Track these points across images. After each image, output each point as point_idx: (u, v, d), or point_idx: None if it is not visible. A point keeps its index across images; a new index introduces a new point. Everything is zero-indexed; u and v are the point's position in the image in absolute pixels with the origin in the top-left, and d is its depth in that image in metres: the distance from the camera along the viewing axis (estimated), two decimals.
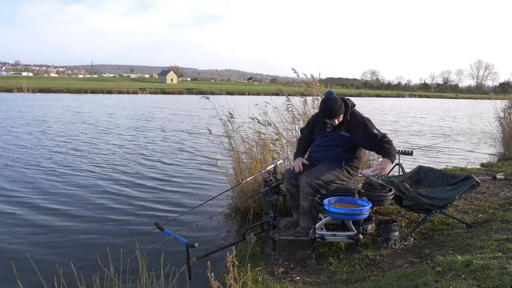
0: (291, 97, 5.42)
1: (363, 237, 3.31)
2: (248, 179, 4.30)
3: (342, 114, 3.38)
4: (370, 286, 2.57)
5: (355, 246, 3.29)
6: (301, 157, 3.63)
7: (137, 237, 3.37)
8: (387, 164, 3.29)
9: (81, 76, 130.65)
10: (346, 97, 3.52)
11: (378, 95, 66.04)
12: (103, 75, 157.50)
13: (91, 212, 4.95)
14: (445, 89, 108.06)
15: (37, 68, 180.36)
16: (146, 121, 16.39)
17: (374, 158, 5.61)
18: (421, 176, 4.07)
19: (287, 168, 4.40)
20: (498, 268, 2.27)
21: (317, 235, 3.18)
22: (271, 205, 3.39)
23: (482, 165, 7.20)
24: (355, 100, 3.67)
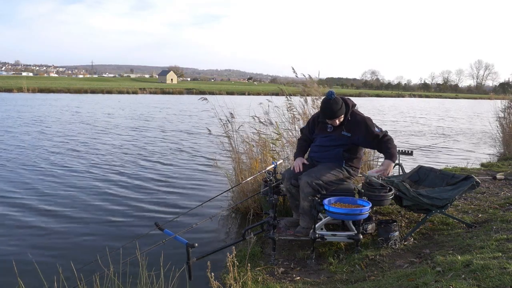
0: (290, 97, 5.43)
1: (363, 237, 3.31)
2: (248, 179, 4.30)
3: (343, 115, 3.38)
4: (370, 286, 2.57)
5: (355, 246, 3.29)
6: (301, 157, 3.63)
7: (137, 237, 3.38)
8: (390, 165, 3.38)
9: (81, 76, 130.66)
10: (347, 97, 3.52)
11: (378, 95, 66.04)
12: (103, 75, 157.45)
13: (91, 212, 4.95)
14: (445, 89, 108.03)
15: (37, 68, 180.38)
16: (146, 121, 16.39)
17: (373, 159, 5.62)
18: (421, 176, 4.07)
19: (287, 168, 4.40)
20: (498, 268, 2.27)
21: (317, 235, 3.18)
22: (271, 205, 3.39)
23: (482, 165, 7.20)
24: (355, 100, 3.67)
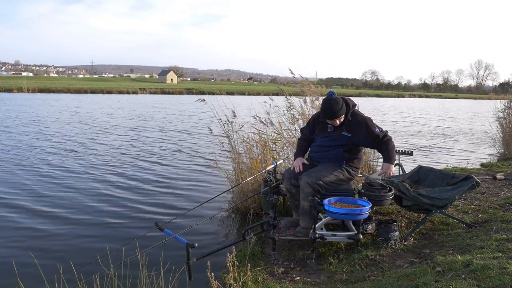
0: (291, 97, 5.43)
1: (363, 237, 3.31)
2: (248, 179, 4.30)
3: (343, 115, 3.38)
4: (370, 286, 2.57)
5: (355, 246, 3.29)
6: (301, 157, 3.63)
7: (137, 238, 3.38)
8: (389, 168, 3.43)
9: (81, 76, 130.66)
10: (347, 97, 3.52)
11: (378, 95, 66.04)
12: (103, 75, 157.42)
13: (91, 213, 4.95)
14: (445, 89, 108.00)
15: (37, 68, 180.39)
16: (146, 121, 16.39)
17: (373, 159, 5.62)
18: (421, 176, 4.07)
19: (287, 168, 4.40)
20: (498, 268, 2.27)
21: (317, 235, 3.18)
22: (271, 205, 3.39)
23: (482, 165, 7.20)
24: (355, 100, 3.67)
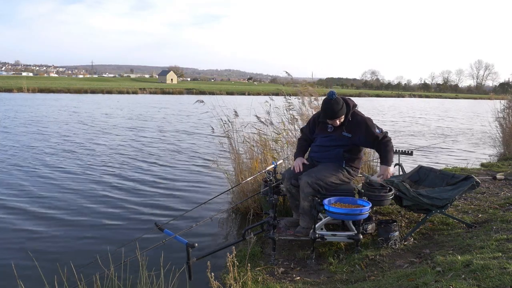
0: (290, 97, 5.43)
1: (363, 237, 3.31)
2: (248, 179, 4.30)
3: (343, 115, 3.38)
4: (370, 286, 2.57)
5: (355, 246, 3.29)
6: (301, 157, 3.63)
7: (137, 237, 3.38)
8: (387, 170, 3.43)
9: (81, 76, 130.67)
10: (347, 97, 3.52)
11: (378, 95, 66.04)
12: (103, 75, 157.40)
13: (91, 212, 4.95)
14: (445, 89, 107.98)
15: (37, 68, 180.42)
16: (145, 121, 16.39)
17: (373, 159, 5.62)
18: (421, 176, 4.08)
19: (287, 168, 4.40)
20: (498, 268, 2.27)
21: (317, 235, 3.18)
22: (271, 205, 3.39)
23: (482, 165, 7.20)
24: (355, 100, 3.67)
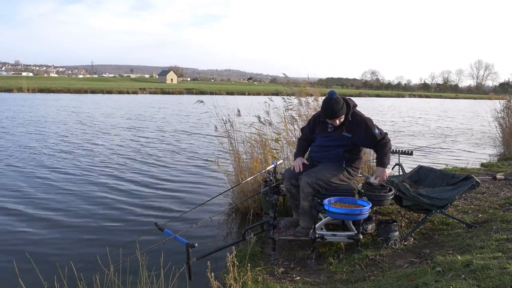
0: (290, 97, 5.43)
1: (363, 237, 3.31)
2: (248, 179, 4.30)
3: (343, 115, 3.37)
4: (370, 286, 2.57)
5: (355, 246, 3.29)
6: (301, 157, 3.63)
7: (137, 237, 3.38)
8: (383, 172, 3.41)
9: (81, 76, 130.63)
10: (348, 97, 3.51)
11: (378, 95, 66.03)
12: (103, 75, 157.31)
13: (91, 212, 4.95)
14: (445, 89, 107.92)
15: (37, 68, 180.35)
16: (145, 121, 16.39)
17: (373, 159, 5.61)
18: (421, 176, 4.07)
19: (287, 168, 4.40)
20: (498, 268, 2.27)
21: (317, 235, 3.18)
22: (271, 205, 3.39)
23: (482, 165, 7.20)
24: (355, 100, 3.67)
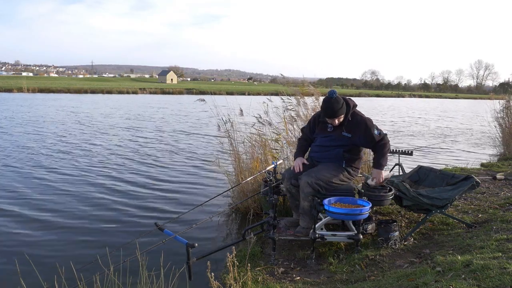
0: (289, 97, 5.43)
1: (363, 237, 3.31)
2: (248, 179, 4.29)
3: (343, 114, 3.37)
4: (370, 286, 2.57)
5: (355, 246, 3.29)
6: (301, 157, 3.63)
7: (137, 237, 3.38)
8: (379, 173, 3.41)
9: (81, 76, 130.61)
10: (348, 97, 3.51)
11: (378, 95, 66.03)
12: (103, 75, 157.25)
13: (91, 212, 4.95)
14: (445, 89, 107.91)
15: (37, 68, 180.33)
16: (144, 121, 16.38)
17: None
18: (421, 176, 4.07)
19: (287, 168, 4.40)
20: (498, 268, 2.27)
21: (317, 235, 3.18)
22: (271, 205, 3.39)
23: (482, 165, 7.20)
24: (355, 100, 3.67)
